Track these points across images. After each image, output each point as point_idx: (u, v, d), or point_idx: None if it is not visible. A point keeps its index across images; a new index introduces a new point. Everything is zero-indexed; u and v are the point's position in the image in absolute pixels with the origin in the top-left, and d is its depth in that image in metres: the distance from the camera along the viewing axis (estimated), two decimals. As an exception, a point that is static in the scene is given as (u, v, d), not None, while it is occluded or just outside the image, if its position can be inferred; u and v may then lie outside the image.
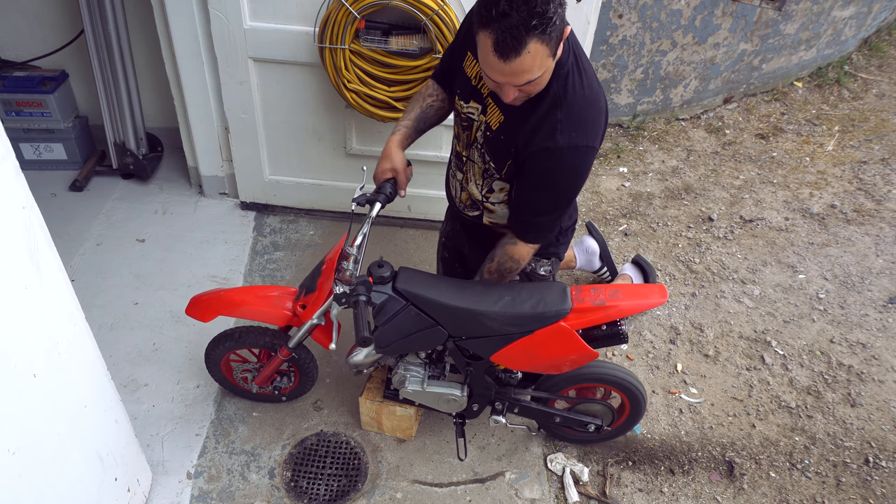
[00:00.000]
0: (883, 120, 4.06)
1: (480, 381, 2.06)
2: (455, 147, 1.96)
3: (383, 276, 1.80)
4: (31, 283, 1.37)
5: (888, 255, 3.18)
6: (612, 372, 2.08)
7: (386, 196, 1.86)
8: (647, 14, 3.49)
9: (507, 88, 1.53)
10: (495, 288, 1.87)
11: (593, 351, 1.86)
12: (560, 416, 2.15)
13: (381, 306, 1.83)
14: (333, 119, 2.81)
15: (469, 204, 1.98)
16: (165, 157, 3.43)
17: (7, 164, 1.28)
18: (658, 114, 4.03)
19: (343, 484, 2.20)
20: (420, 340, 1.92)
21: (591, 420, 2.15)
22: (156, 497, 2.12)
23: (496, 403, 2.14)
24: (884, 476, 2.33)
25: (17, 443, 1.39)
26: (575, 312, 1.81)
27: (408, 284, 1.83)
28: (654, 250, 3.19)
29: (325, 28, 2.41)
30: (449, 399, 2.08)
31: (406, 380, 2.06)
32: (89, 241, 2.99)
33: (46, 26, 3.13)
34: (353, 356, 2.04)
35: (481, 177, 1.86)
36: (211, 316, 2.01)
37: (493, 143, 1.75)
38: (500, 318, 1.81)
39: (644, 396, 2.12)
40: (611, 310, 1.81)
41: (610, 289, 1.85)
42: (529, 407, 2.15)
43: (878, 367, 2.68)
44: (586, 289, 1.86)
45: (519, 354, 1.89)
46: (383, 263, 1.83)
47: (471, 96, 1.78)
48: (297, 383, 2.30)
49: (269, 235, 3.09)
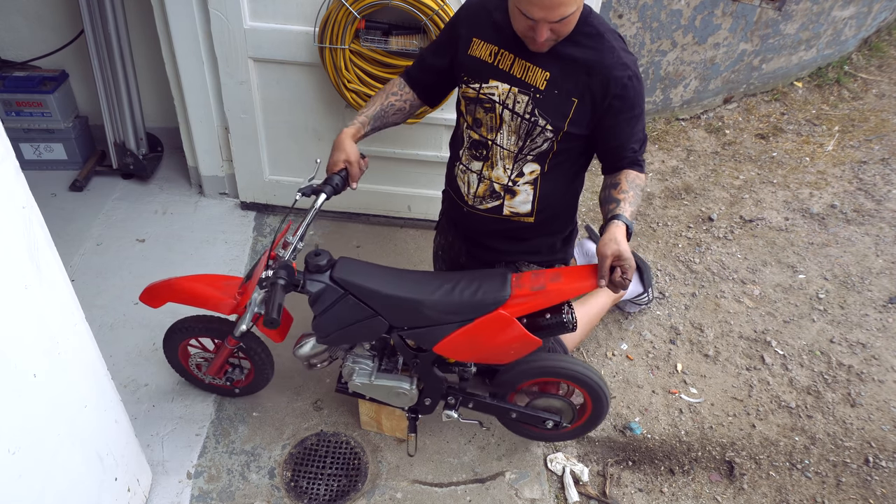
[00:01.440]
0: (883, 120, 4.06)
1: (430, 375, 2.01)
2: (470, 137, 1.92)
3: (319, 265, 1.79)
4: (31, 283, 1.37)
5: (888, 255, 3.18)
6: (571, 366, 2.00)
7: (333, 188, 1.85)
8: (647, 14, 3.49)
9: (541, 27, 1.57)
10: (435, 277, 1.86)
11: (535, 339, 1.81)
12: (516, 412, 2.11)
13: (318, 295, 1.80)
14: (333, 119, 2.82)
15: (488, 195, 1.94)
16: (165, 157, 3.43)
17: (7, 164, 1.28)
18: (658, 114, 4.03)
19: (343, 484, 2.20)
20: (360, 331, 1.89)
21: (549, 416, 2.09)
22: (156, 497, 2.12)
23: (449, 398, 2.10)
24: (884, 476, 2.33)
25: (17, 443, 1.38)
26: (514, 299, 1.76)
27: (345, 273, 1.80)
28: (654, 250, 3.19)
29: (325, 28, 2.41)
30: (398, 392, 2.03)
31: (354, 372, 2.02)
32: (89, 241, 2.99)
33: (46, 26, 3.13)
34: (299, 348, 2.03)
35: (512, 160, 1.85)
36: (160, 302, 2.01)
37: (546, 101, 1.73)
38: (439, 306, 1.78)
39: (607, 396, 2.06)
40: (551, 294, 1.75)
41: (551, 273, 1.81)
42: (484, 402, 2.11)
43: (878, 367, 2.69)
44: (527, 274, 1.82)
45: (461, 344, 1.84)
46: (320, 252, 1.81)
47: (489, 76, 1.78)
48: (251, 377, 2.27)
49: (269, 235, 3.09)
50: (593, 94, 1.70)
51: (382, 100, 1.96)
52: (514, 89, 1.76)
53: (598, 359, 2.67)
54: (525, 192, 1.90)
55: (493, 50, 1.77)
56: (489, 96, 1.80)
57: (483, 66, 1.79)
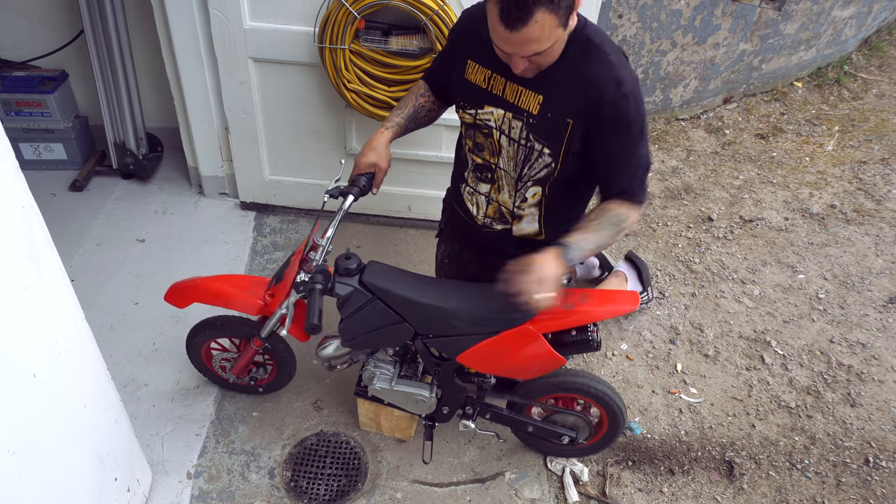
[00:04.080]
0: (883, 120, 4.06)
1: (450, 384, 2.01)
2: (472, 161, 1.87)
3: (349, 268, 1.78)
4: (31, 283, 1.37)
5: (888, 255, 3.18)
6: (592, 384, 2.00)
7: (360, 189, 1.84)
8: (647, 14, 3.49)
9: (516, 59, 1.50)
10: (463, 286, 1.85)
11: (560, 357, 1.80)
12: (533, 426, 2.10)
13: (347, 298, 1.79)
14: (333, 119, 2.82)
15: (497, 217, 1.90)
16: (165, 157, 3.43)
17: (7, 164, 1.28)
18: (658, 114, 4.03)
19: (343, 484, 2.20)
20: (386, 336, 1.89)
21: (566, 432, 2.09)
22: (156, 497, 2.12)
23: (466, 408, 2.10)
24: (884, 476, 2.33)
25: (17, 443, 1.38)
26: (543, 315, 1.74)
27: (374, 278, 1.79)
28: (653, 250, 3.19)
29: (325, 28, 2.41)
30: (417, 400, 2.03)
31: (375, 377, 2.03)
32: (89, 241, 2.99)
33: (46, 26, 3.13)
34: (322, 349, 2.03)
35: (514, 185, 1.80)
36: (187, 302, 2.02)
37: (541, 125, 1.65)
38: (466, 316, 1.78)
39: (623, 414, 2.06)
40: (580, 314, 1.75)
41: (581, 293, 1.80)
42: (501, 413, 2.10)
43: (878, 367, 2.69)
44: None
45: (485, 356, 1.84)
46: (350, 255, 1.80)
47: (484, 101, 1.72)
48: (274, 375, 2.29)
49: (269, 235, 3.09)
50: (586, 113, 1.60)
51: (413, 101, 1.91)
52: (508, 114, 1.69)
53: (598, 359, 2.67)
54: (530, 214, 1.86)
55: (487, 74, 1.70)
56: (486, 122, 1.75)
57: (478, 92, 1.72)
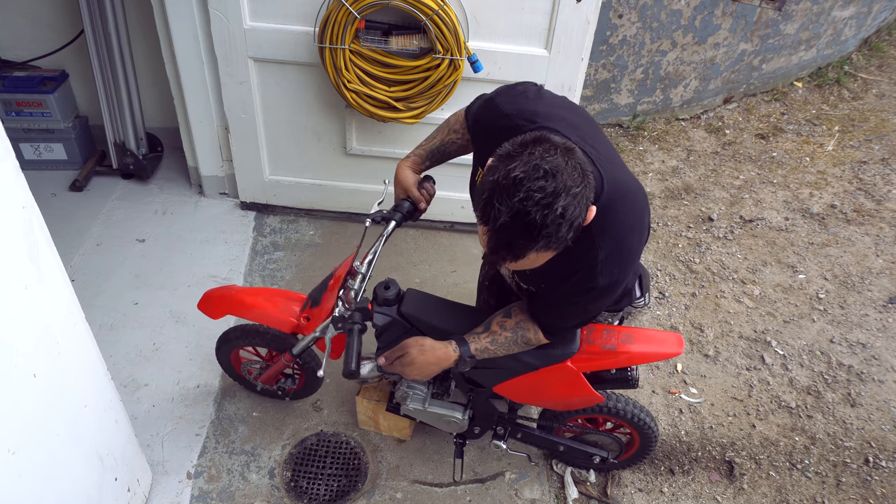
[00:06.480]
0: (883, 120, 4.06)
1: (483, 406, 2.02)
2: None
3: (388, 299, 1.76)
4: (31, 283, 1.37)
5: (888, 255, 3.18)
6: (627, 408, 1.99)
7: (403, 214, 1.79)
8: (647, 14, 3.49)
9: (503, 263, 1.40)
10: None
11: (598, 395, 1.80)
12: (564, 446, 2.12)
13: (385, 328, 1.78)
14: (333, 119, 2.82)
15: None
16: (165, 157, 3.43)
17: (7, 164, 1.28)
18: (658, 114, 4.03)
19: (343, 484, 2.20)
20: None
21: (597, 452, 2.11)
22: (156, 497, 2.12)
23: (498, 428, 2.11)
24: (884, 476, 2.33)
25: (17, 443, 1.38)
26: (583, 354, 1.73)
27: (413, 309, 1.78)
28: (654, 250, 3.19)
29: (325, 28, 2.41)
30: (450, 420, 2.04)
31: (409, 397, 2.03)
32: (89, 241, 2.99)
33: (46, 26, 3.13)
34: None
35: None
36: (221, 314, 2.02)
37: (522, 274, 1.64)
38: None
39: (656, 434, 2.06)
40: (621, 356, 1.72)
41: (624, 333, 1.76)
42: (533, 434, 2.11)
43: (878, 367, 2.68)
44: (599, 330, 1.76)
45: (522, 389, 1.85)
46: (390, 284, 1.78)
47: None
48: (301, 385, 2.30)
49: (269, 235, 3.09)
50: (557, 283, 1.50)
51: (443, 136, 1.82)
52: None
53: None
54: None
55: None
56: None
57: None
